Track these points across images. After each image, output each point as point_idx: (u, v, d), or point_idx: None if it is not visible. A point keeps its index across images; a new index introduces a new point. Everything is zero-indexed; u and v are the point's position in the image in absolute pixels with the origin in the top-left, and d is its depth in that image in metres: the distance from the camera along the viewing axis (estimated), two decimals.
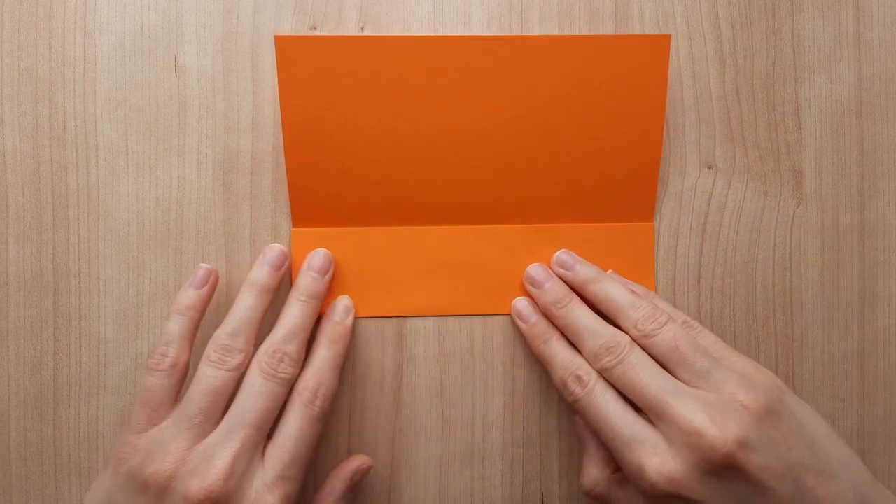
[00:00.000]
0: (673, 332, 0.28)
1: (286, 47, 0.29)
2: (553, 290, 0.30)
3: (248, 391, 0.26)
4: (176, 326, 0.28)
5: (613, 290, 0.29)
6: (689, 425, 0.25)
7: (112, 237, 0.31)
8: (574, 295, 0.30)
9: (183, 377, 0.28)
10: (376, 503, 0.31)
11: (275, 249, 0.30)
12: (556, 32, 0.32)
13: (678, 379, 0.27)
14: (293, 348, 0.28)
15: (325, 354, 0.29)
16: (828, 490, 0.25)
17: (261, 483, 0.25)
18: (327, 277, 0.30)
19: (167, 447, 0.25)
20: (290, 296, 0.29)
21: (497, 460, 0.32)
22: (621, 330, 0.29)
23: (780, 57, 0.33)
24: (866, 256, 0.33)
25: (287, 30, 0.31)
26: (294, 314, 0.29)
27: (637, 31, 0.32)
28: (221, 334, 0.28)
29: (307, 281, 0.30)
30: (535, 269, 0.31)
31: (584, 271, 0.31)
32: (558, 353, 0.29)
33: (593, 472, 0.29)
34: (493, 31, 0.32)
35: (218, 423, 0.26)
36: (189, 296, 0.29)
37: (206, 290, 0.29)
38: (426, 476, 0.32)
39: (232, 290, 0.31)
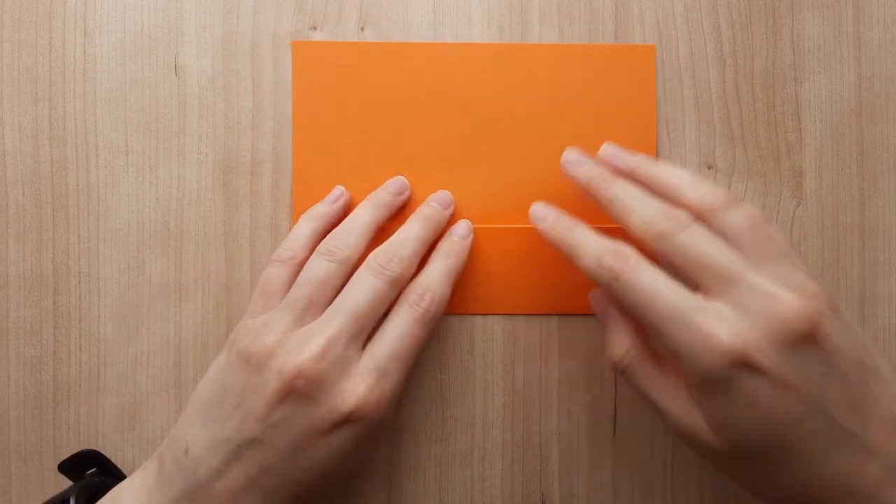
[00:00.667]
0: (746, 211, 0.25)
1: (302, 53, 0.31)
2: (592, 167, 0.27)
3: (353, 284, 0.27)
4: (303, 228, 0.29)
5: (671, 169, 0.26)
6: (769, 291, 0.23)
7: (112, 237, 0.31)
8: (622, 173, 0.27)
9: (297, 271, 0.28)
10: (376, 503, 0.31)
11: (398, 180, 0.31)
12: (555, 32, 0.32)
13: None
14: (406, 252, 0.28)
15: (438, 266, 0.29)
16: (889, 394, 0.23)
17: (354, 371, 0.26)
18: (448, 211, 0.31)
19: (270, 328, 0.26)
20: (410, 217, 0.30)
21: (497, 460, 0.32)
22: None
23: (780, 57, 0.33)
24: (866, 256, 0.33)
25: (287, 29, 0.31)
26: (412, 227, 0.29)
27: (637, 31, 0.32)
28: (335, 232, 0.28)
29: (427, 208, 0.30)
30: (571, 152, 0.28)
31: (635, 157, 0.28)
32: (586, 237, 0.26)
33: (623, 340, 0.26)
34: (493, 31, 0.32)
35: (321, 310, 0.27)
36: (322, 206, 0.30)
37: (337, 205, 0.30)
38: (426, 476, 0.32)
39: (232, 290, 0.31)
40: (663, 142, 0.32)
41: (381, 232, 0.29)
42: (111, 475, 0.30)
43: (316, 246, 0.28)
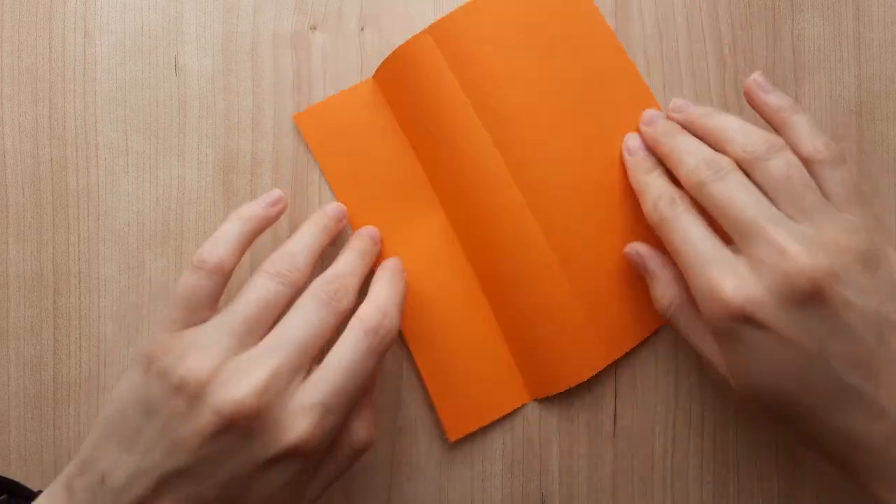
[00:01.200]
0: (787, 159, 0.25)
1: (306, 121, 0.31)
2: (665, 124, 0.29)
3: (297, 312, 0.25)
4: (232, 228, 0.26)
5: (729, 119, 0.27)
6: (781, 247, 0.23)
7: (112, 237, 0.31)
8: (683, 130, 0.29)
9: (224, 283, 0.26)
10: (376, 503, 0.31)
11: (335, 207, 0.30)
12: None
13: (781, 212, 0.25)
14: (352, 282, 0.26)
15: (389, 289, 0.27)
16: None
17: (297, 405, 0.24)
18: (377, 248, 0.30)
19: (203, 353, 0.24)
20: (347, 249, 0.28)
21: (497, 460, 0.32)
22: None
23: (780, 57, 0.33)
24: None
25: (287, 29, 0.31)
26: (349, 259, 0.28)
27: (637, 31, 0.32)
28: (282, 252, 0.26)
29: (362, 243, 0.29)
30: (651, 112, 0.30)
31: (698, 109, 0.29)
32: (656, 180, 0.28)
33: (668, 291, 0.27)
34: None
35: (261, 338, 0.25)
36: (254, 207, 0.27)
37: (273, 210, 0.28)
38: (426, 476, 0.32)
39: (231, 291, 0.31)
40: None
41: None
42: (23, 499, 0.28)
43: (243, 252, 0.27)
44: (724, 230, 0.25)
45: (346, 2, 0.31)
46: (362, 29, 0.32)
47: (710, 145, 0.27)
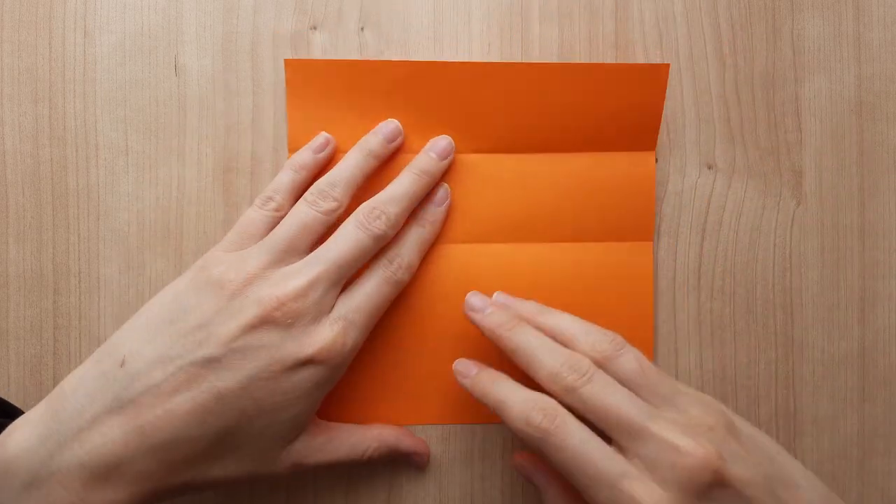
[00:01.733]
0: (634, 354, 0.26)
1: (296, 70, 0.30)
2: (497, 314, 0.28)
3: (338, 235, 0.27)
4: (286, 178, 0.29)
5: (563, 318, 0.27)
6: (671, 444, 0.23)
7: (112, 237, 0.31)
8: (519, 319, 0.27)
9: (279, 220, 0.28)
10: (376, 503, 0.31)
11: (391, 123, 0.30)
12: (555, 32, 0.32)
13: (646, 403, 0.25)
14: (393, 210, 0.28)
15: (412, 235, 0.29)
16: (799, 500, 0.24)
17: (327, 316, 0.26)
18: (446, 162, 0.30)
19: (248, 262, 0.26)
20: (404, 170, 0.30)
21: (497, 460, 0.32)
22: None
23: (780, 57, 0.33)
24: (866, 256, 0.33)
25: (287, 29, 0.31)
26: (403, 183, 0.29)
27: (637, 31, 0.32)
28: (321, 181, 0.28)
29: (425, 159, 0.30)
30: (473, 296, 0.29)
31: (527, 306, 0.28)
32: (513, 389, 0.26)
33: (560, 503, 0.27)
34: (493, 31, 0.32)
35: (301, 255, 0.27)
36: (305, 156, 0.29)
37: (322, 155, 0.30)
38: (426, 476, 0.32)
39: None
40: (663, 142, 0.32)
41: (373, 178, 0.30)
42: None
43: (296, 198, 0.29)
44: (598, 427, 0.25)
45: (346, 2, 0.31)
46: (362, 29, 0.32)
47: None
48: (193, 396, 0.24)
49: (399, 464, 0.31)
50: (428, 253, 0.31)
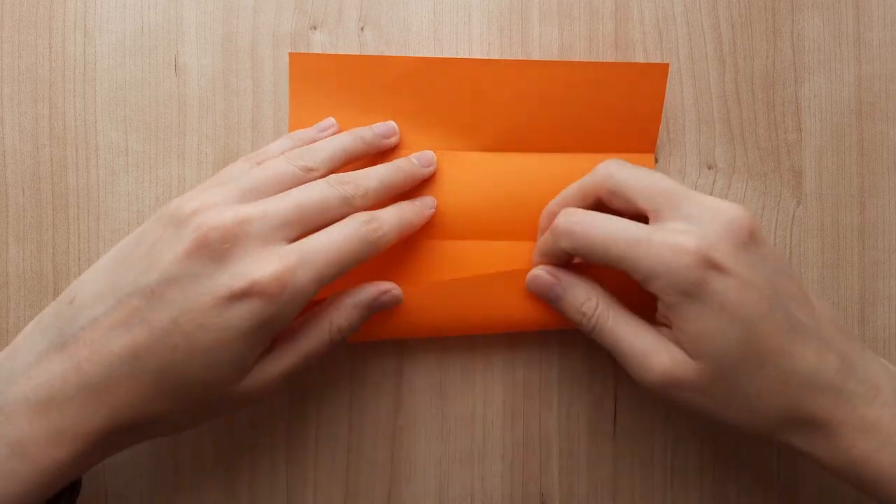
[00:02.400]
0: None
1: (300, 64, 0.30)
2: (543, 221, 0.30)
3: (304, 186, 0.26)
4: (284, 142, 0.29)
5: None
6: (713, 203, 0.25)
7: (112, 237, 0.31)
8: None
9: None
10: (376, 503, 0.31)
11: (388, 124, 0.30)
12: (555, 32, 0.32)
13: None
14: (365, 183, 0.27)
15: (395, 212, 0.28)
16: (816, 297, 0.26)
17: (275, 249, 0.24)
18: (427, 170, 0.30)
19: (210, 195, 0.24)
20: (383, 163, 0.29)
21: (497, 460, 0.32)
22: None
23: (780, 57, 0.33)
24: (866, 256, 0.33)
25: (287, 29, 0.31)
26: (379, 168, 0.28)
27: (637, 31, 0.32)
28: (303, 147, 0.28)
29: (404, 161, 0.29)
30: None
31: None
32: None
33: (589, 296, 0.28)
34: (493, 31, 0.32)
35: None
36: (308, 132, 0.30)
37: (323, 135, 0.29)
38: (426, 476, 0.32)
39: None
40: (663, 142, 0.32)
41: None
42: None
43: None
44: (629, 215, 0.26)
45: (346, 2, 0.31)
46: (362, 29, 0.32)
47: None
48: (128, 330, 0.23)
49: (399, 463, 0.31)
50: (424, 250, 0.31)
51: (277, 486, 0.31)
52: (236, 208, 0.24)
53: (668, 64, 0.31)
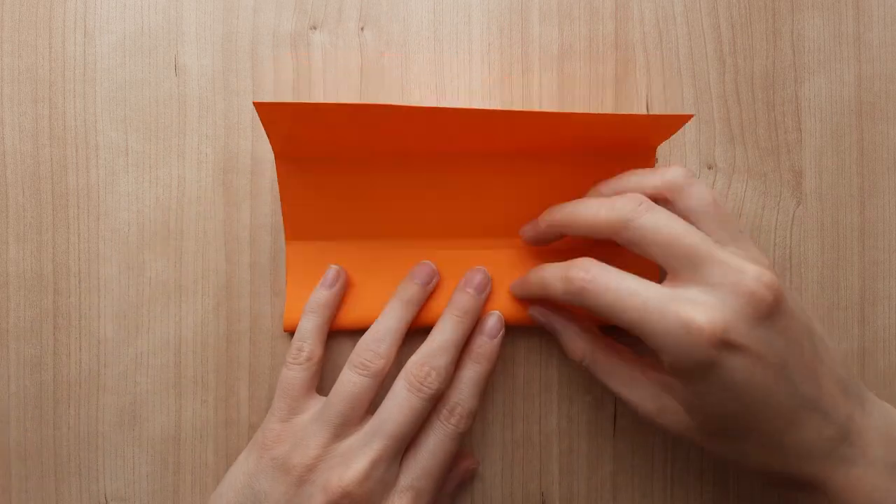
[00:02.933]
0: (706, 187, 0.25)
1: (268, 113, 0.25)
2: (544, 215, 0.29)
3: (392, 401, 0.27)
4: (309, 324, 0.29)
5: (577, 203, 0.28)
6: (737, 267, 0.23)
7: (112, 237, 0.31)
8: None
9: (319, 369, 0.29)
10: None
11: (425, 266, 0.30)
12: (555, 32, 0.32)
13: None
14: (442, 363, 0.28)
15: (468, 375, 0.29)
16: (831, 356, 0.25)
17: (393, 490, 0.27)
18: (484, 295, 0.30)
19: (308, 441, 0.27)
20: (445, 311, 0.29)
21: (497, 460, 0.32)
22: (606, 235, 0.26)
23: (780, 57, 0.33)
24: (866, 256, 0.33)
25: (287, 29, 0.31)
26: (446, 330, 0.29)
27: (637, 31, 0.32)
28: (366, 339, 0.29)
29: (464, 298, 0.29)
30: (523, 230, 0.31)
31: (542, 216, 0.29)
32: (549, 267, 0.27)
33: (578, 343, 0.28)
34: (493, 31, 0.32)
35: (357, 424, 0.27)
36: (320, 295, 0.30)
37: (335, 289, 0.30)
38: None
39: (232, 290, 0.31)
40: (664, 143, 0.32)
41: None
42: None
43: (325, 338, 0.29)
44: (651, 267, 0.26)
45: (346, 2, 0.31)
46: (362, 29, 0.32)
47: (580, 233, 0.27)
48: None
49: None
50: (425, 248, 0.31)
51: None
52: (348, 461, 0.26)
53: (691, 116, 0.27)
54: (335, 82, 0.32)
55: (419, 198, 0.31)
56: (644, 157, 0.31)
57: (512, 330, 0.32)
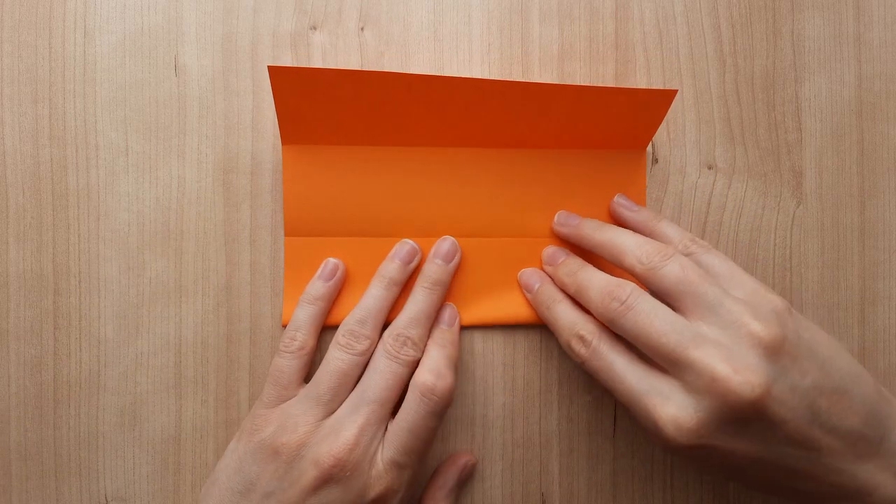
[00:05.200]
0: (679, 262, 0.26)
1: (281, 77, 0.27)
2: (567, 263, 0.30)
3: (373, 371, 0.28)
4: (304, 314, 0.30)
5: (617, 232, 0.29)
6: (710, 372, 0.23)
7: (112, 237, 0.31)
8: (587, 263, 0.30)
9: (311, 360, 0.30)
10: None
11: (406, 245, 0.31)
12: (556, 32, 0.32)
13: (687, 312, 0.25)
14: (416, 332, 0.29)
15: (438, 355, 0.29)
16: (840, 407, 0.25)
17: (379, 459, 0.27)
18: (452, 265, 0.31)
19: (297, 419, 0.27)
20: (416, 283, 0.30)
21: (497, 460, 0.32)
22: (628, 273, 0.28)
23: (780, 57, 0.33)
24: (866, 256, 0.33)
25: (287, 29, 0.31)
26: (418, 301, 0.30)
27: (637, 31, 0.32)
28: (350, 321, 0.29)
29: (433, 268, 0.30)
30: (550, 249, 0.31)
31: (586, 223, 0.30)
32: (562, 314, 0.29)
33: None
34: (493, 31, 0.32)
35: (343, 401, 0.28)
36: (317, 286, 0.30)
37: (333, 282, 0.30)
38: (426, 476, 0.31)
39: (232, 291, 0.31)
40: (663, 142, 0.32)
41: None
42: None
43: (318, 330, 0.30)
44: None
45: (346, 2, 0.31)
46: (362, 29, 0.32)
47: (606, 258, 0.29)
48: None
49: None
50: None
51: None
52: (337, 432, 0.27)
53: (675, 91, 0.29)
54: None
55: (418, 196, 0.31)
56: (635, 155, 0.31)
57: (512, 330, 0.32)
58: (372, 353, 0.29)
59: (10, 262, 0.31)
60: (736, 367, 0.23)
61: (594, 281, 0.28)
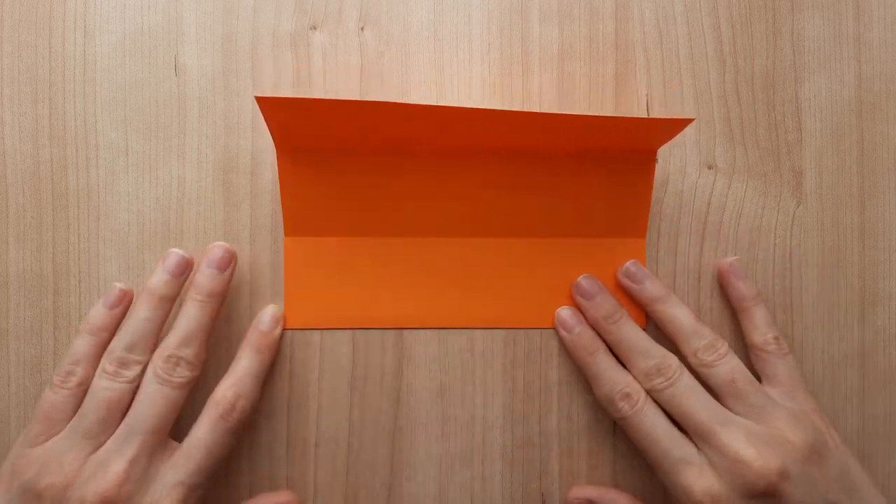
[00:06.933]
0: (731, 365, 0.29)
1: (270, 107, 0.26)
2: (605, 304, 0.30)
3: (143, 397, 0.26)
4: (84, 346, 0.27)
5: (680, 313, 0.30)
6: (735, 455, 0.26)
7: (112, 237, 0.31)
8: (624, 310, 0.30)
9: (82, 395, 0.27)
10: (376, 503, 0.31)
11: (174, 255, 0.29)
12: (556, 32, 0.32)
13: (730, 410, 0.28)
14: (190, 352, 0.27)
15: (247, 364, 0.28)
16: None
17: (159, 487, 0.25)
18: (227, 273, 0.29)
19: (62, 458, 0.25)
20: (188, 294, 0.28)
21: (497, 460, 0.32)
22: (680, 353, 0.29)
23: (780, 57, 0.33)
24: (866, 256, 0.33)
25: (287, 29, 0.31)
26: (190, 316, 0.28)
27: (637, 31, 0.32)
28: (117, 346, 0.27)
29: (204, 278, 0.28)
30: (585, 281, 0.31)
31: (652, 288, 0.30)
32: (606, 367, 0.30)
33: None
34: (493, 31, 0.32)
35: (114, 431, 0.26)
36: (101, 315, 0.28)
37: (118, 310, 0.28)
38: (426, 476, 0.32)
39: (231, 291, 0.31)
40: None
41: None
42: None
43: (98, 362, 0.27)
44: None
45: (346, 2, 0.31)
46: (362, 29, 0.32)
47: (659, 326, 0.30)
48: None
49: (399, 463, 0.31)
50: (430, 247, 0.31)
51: (277, 486, 0.31)
52: (105, 466, 0.25)
53: (692, 119, 0.27)
54: (335, 82, 0.32)
55: (417, 195, 0.31)
56: (644, 160, 0.31)
57: (512, 330, 0.32)
58: (142, 375, 0.27)
59: (10, 261, 0.31)
60: (759, 451, 0.26)
61: (640, 344, 0.29)
